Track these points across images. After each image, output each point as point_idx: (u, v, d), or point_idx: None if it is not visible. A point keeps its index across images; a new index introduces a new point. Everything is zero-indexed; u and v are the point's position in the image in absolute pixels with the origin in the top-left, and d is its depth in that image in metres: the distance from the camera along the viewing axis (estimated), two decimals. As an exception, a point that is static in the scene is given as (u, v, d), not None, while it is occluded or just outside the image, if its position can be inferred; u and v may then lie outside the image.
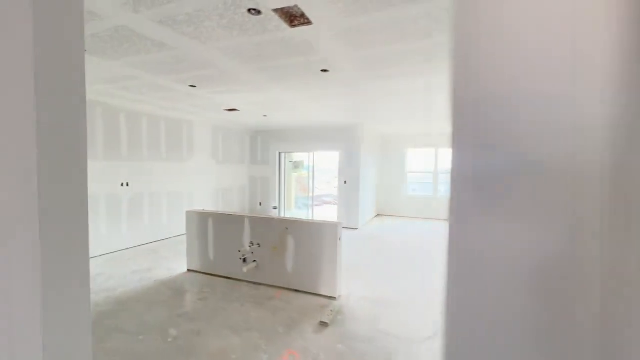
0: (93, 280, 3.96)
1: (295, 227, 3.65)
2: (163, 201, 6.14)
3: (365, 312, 3.18)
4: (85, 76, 0.96)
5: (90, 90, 4.44)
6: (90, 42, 2.70)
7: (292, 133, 8.14)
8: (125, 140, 5.38)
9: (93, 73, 3.64)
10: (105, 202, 5.09)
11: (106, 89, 4.33)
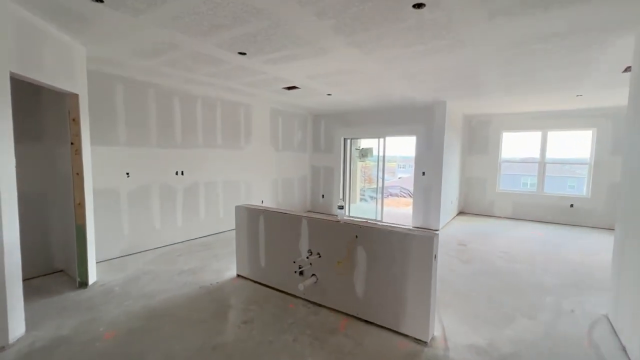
0: (137, 280, 3.54)
1: (368, 236, 2.64)
2: (219, 191, 5.68)
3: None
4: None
5: (138, 68, 3.99)
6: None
7: (360, 115, 7.05)
8: (179, 126, 4.96)
9: (128, 40, 3.08)
10: (159, 192, 4.74)
11: (152, 65, 3.83)
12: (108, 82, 4.08)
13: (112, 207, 4.22)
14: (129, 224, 4.41)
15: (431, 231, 2.47)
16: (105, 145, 4.09)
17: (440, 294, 3.19)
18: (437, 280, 2.48)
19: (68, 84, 3.03)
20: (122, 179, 4.30)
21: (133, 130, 4.37)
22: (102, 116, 4.04)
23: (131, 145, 4.37)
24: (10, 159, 2.34)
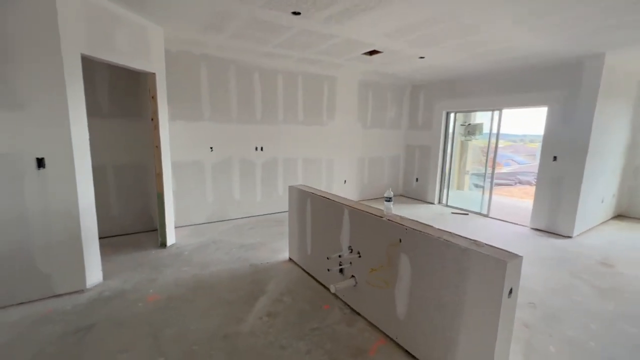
0: (205, 247, 3.80)
1: (415, 242, 1.95)
2: (298, 168, 5.60)
3: None
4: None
5: (214, 45, 4.10)
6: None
7: (467, 83, 5.66)
8: (259, 102, 5.00)
9: (190, 15, 3.09)
10: (239, 166, 4.98)
11: (222, 41, 3.84)
12: (194, 61, 4.36)
13: (198, 177, 4.65)
14: (213, 194, 4.80)
15: (508, 255, 1.58)
16: (192, 121, 4.47)
17: (538, 341, 2.19)
18: (514, 323, 1.62)
19: (144, 64, 3.29)
20: (207, 153, 4.66)
21: (216, 106, 4.63)
22: (189, 94, 4.39)
23: (214, 121, 4.65)
24: (84, 135, 2.67)
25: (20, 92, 2.34)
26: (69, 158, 2.55)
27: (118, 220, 4.14)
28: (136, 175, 4.21)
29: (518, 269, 1.54)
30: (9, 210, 2.40)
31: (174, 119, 4.34)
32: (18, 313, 2.40)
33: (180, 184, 4.52)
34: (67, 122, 2.52)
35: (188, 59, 4.31)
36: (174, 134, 4.35)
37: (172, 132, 4.33)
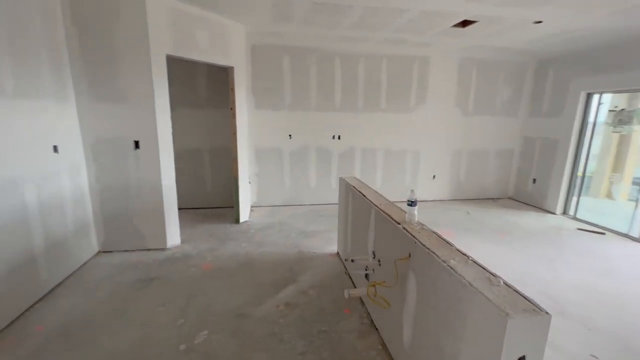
0: (270, 228, 4.09)
1: (422, 258, 1.55)
2: (377, 160, 5.28)
3: None
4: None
5: (291, 36, 4.21)
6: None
7: (622, 52, 4.00)
8: (339, 89, 4.91)
9: (257, 9, 3.26)
10: (315, 154, 5.07)
11: (293, 30, 3.90)
12: (277, 53, 4.61)
13: (277, 163, 4.99)
14: (290, 179, 5.08)
15: (532, 305, 1.06)
16: (273, 110, 4.79)
17: None
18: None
19: (223, 59, 3.69)
20: (286, 140, 4.93)
21: (297, 95, 4.80)
22: (273, 84, 4.69)
23: (294, 109, 4.85)
24: (167, 123, 3.23)
25: (123, 88, 3.00)
26: (155, 142, 3.15)
27: (211, 195, 4.89)
28: (226, 158, 4.84)
29: (538, 331, 1.02)
30: (117, 179, 3.16)
31: (259, 108, 4.74)
32: (119, 257, 3.18)
33: (263, 167, 4.95)
34: (154, 112, 3.09)
35: (271, 51, 4.58)
36: (258, 122, 4.77)
37: (257, 120, 4.75)
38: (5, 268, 2.16)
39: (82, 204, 3.04)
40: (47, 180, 2.57)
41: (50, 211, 2.59)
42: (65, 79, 2.83)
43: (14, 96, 2.25)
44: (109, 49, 2.91)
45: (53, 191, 2.63)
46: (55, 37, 2.70)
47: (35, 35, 2.47)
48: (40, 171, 2.49)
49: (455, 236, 3.91)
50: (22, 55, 2.32)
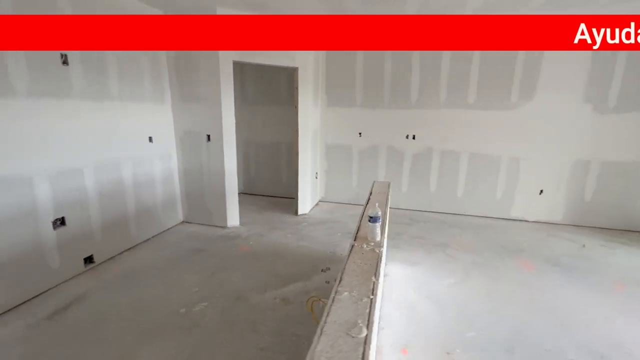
0: (323, 224, 4.18)
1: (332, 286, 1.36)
2: (460, 164, 4.52)
3: None
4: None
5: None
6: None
7: None
8: (416, 82, 4.44)
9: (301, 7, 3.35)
10: (385, 154, 4.79)
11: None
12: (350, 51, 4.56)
13: (346, 161, 4.97)
14: (358, 178, 4.98)
15: None
16: (345, 107, 4.79)
17: None
18: None
19: (288, 61, 3.95)
20: (356, 138, 4.85)
21: (369, 91, 4.64)
22: (345, 81, 4.68)
23: (365, 106, 4.71)
24: (232, 121, 3.74)
25: (200, 91, 3.66)
26: (220, 136, 3.71)
27: (286, 186, 5.33)
28: (287, 153, 5.16)
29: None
30: (195, 165, 3.91)
31: (332, 106, 4.84)
32: (192, 228, 3.95)
33: (332, 164, 5.05)
34: (220, 110, 3.64)
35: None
36: (330, 120, 4.88)
37: (329, 118, 4.87)
38: (105, 222, 3.07)
39: (171, 183, 3.92)
40: (141, 162, 3.45)
41: (141, 186, 3.47)
42: (164, 86, 3.68)
43: (120, 99, 3.12)
44: (192, 61, 3.60)
45: (145, 171, 3.51)
46: (158, 58, 3.55)
47: (140, 57, 3.32)
48: (136, 155, 3.37)
49: (535, 272, 3.02)
50: (129, 71, 3.18)
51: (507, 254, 3.39)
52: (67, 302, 2.45)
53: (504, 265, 3.15)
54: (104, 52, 2.91)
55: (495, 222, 4.36)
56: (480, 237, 3.86)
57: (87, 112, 2.81)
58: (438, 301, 2.54)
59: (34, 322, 2.24)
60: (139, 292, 2.60)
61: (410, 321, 2.30)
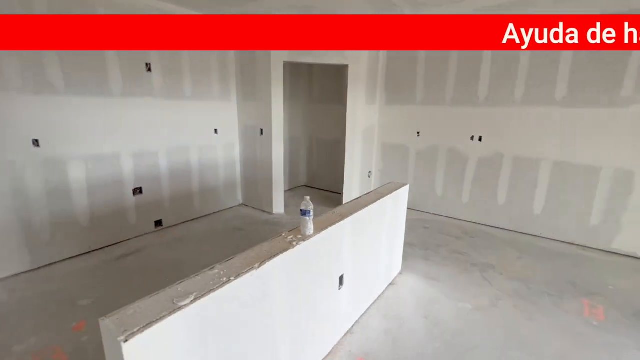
0: (359, 223, 4.12)
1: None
2: (540, 174, 3.66)
3: None
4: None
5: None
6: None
7: None
8: (486, 75, 3.82)
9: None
10: (445, 157, 4.29)
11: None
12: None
13: (402, 161, 4.69)
14: (413, 181, 4.64)
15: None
16: (404, 104, 4.52)
17: None
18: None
19: (339, 59, 4.03)
20: (413, 138, 4.52)
21: (430, 87, 4.25)
22: (406, 77, 4.42)
23: (425, 104, 4.33)
24: (280, 117, 4.08)
25: (256, 90, 4.13)
26: (270, 130, 4.10)
27: (340, 181, 5.41)
28: (334, 150, 5.16)
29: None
30: (251, 155, 4.45)
31: (390, 103, 4.65)
32: (245, 211, 4.51)
33: (388, 164, 4.86)
34: (270, 108, 4.03)
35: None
36: (388, 118, 4.71)
37: (387, 116, 4.71)
38: (173, 195, 3.87)
39: (233, 169, 4.57)
40: (207, 150, 4.16)
41: (206, 169, 4.19)
42: (230, 88, 4.32)
43: (192, 98, 3.86)
44: (251, 64, 4.10)
45: (210, 157, 4.22)
46: (225, 64, 4.19)
47: (210, 64, 4.00)
48: (203, 144, 4.09)
49: (605, 323, 2.27)
50: (200, 77, 3.89)
51: (573, 293, 2.63)
52: (131, 251, 3.26)
53: (557, 305, 2.47)
54: (180, 61, 3.66)
55: (581, 252, 3.38)
56: (546, 266, 3.09)
57: (164, 108, 3.61)
58: (435, 324, 2.24)
59: (107, 260, 3.08)
60: (179, 254, 3.22)
61: (387, 335, 2.13)
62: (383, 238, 2.44)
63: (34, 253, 2.86)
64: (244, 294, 1.25)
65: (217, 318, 1.15)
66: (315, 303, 1.72)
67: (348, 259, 1.98)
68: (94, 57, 2.99)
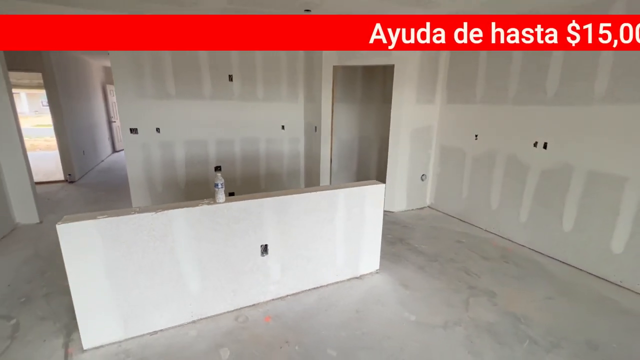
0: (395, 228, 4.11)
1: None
2: (623, 196, 2.65)
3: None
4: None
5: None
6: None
7: None
8: (557, 66, 3.02)
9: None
10: (504, 165, 3.62)
11: None
12: (475, 34, 3.78)
13: (458, 166, 4.22)
14: (468, 190, 4.11)
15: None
16: (463, 103, 4.07)
17: None
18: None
19: (385, 60, 4.09)
20: (471, 141, 4.01)
21: (491, 83, 3.69)
22: (467, 73, 3.97)
23: (486, 102, 3.78)
24: (328, 116, 4.52)
25: (314, 92, 4.72)
26: (320, 128, 4.62)
27: (402, 184, 5.29)
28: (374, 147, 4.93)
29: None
30: (309, 149, 5.09)
31: (450, 103, 4.28)
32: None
33: (445, 168, 4.47)
34: (320, 108, 4.54)
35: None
36: (447, 118, 4.37)
37: (446, 116, 4.38)
38: (244, 175, 5.00)
39: (297, 159, 5.35)
40: (274, 142, 5.09)
41: (271, 158, 5.13)
42: (298, 91, 5.07)
43: (264, 100, 4.85)
44: (311, 70, 4.72)
45: (276, 148, 5.13)
46: (295, 71, 4.96)
47: (282, 71, 4.87)
48: (270, 137, 5.04)
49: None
50: (270, 83, 4.82)
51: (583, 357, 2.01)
52: (203, 210, 4.53)
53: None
54: (255, 72, 4.68)
55: None
56: (586, 318, 2.34)
57: (241, 109, 4.73)
58: (361, 319, 2.30)
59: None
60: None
61: (307, 312, 2.37)
62: (336, 230, 2.61)
63: (153, 199, 4.51)
64: (147, 225, 1.93)
65: (126, 233, 1.88)
66: (229, 257, 2.23)
67: (273, 234, 2.35)
68: (194, 73, 4.35)
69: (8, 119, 3.61)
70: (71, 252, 1.78)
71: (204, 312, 2.24)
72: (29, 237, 3.56)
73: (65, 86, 6.05)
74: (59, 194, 5.27)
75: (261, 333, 2.13)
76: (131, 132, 4.22)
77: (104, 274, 1.88)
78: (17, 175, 3.76)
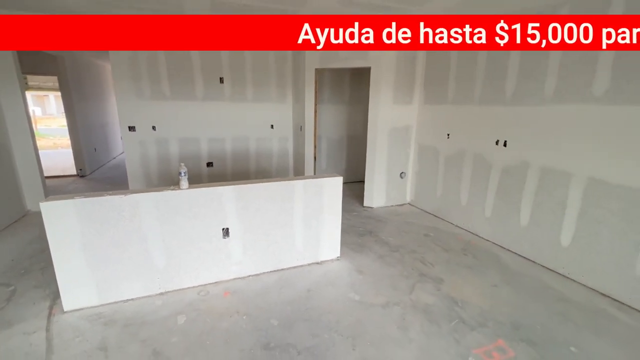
0: (377, 223, 4.31)
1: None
2: (572, 194, 2.77)
3: (27, 298, 2.44)
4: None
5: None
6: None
7: None
8: (514, 68, 3.17)
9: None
10: (471, 163, 3.76)
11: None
12: (447, 38, 3.95)
13: (432, 165, 4.38)
14: (442, 188, 4.27)
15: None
16: (436, 104, 4.24)
17: None
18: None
19: (361, 62, 4.32)
20: (444, 140, 4.17)
21: (460, 84, 3.85)
22: (439, 74, 4.14)
23: (455, 103, 3.94)
24: (311, 117, 4.78)
25: (299, 93, 5.00)
26: (304, 128, 4.89)
27: (387, 182, 5.47)
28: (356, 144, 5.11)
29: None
30: (296, 147, 5.36)
31: (427, 103, 4.45)
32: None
33: (422, 167, 4.64)
34: (304, 109, 4.80)
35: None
36: (424, 118, 4.54)
37: (424, 115, 4.56)
38: (235, 172, 5.33)
39: (285, 157, 5.63)
40: (263, 141, 5.39)
41: (260, 156, 5.44)
42: (286, 93, 5.36)
43: (253, 101, 5.17)
44: (298, 72, 4.99)
45: (266, 146, 5.43)
46: (284, 74, 5.25)
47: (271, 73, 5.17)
48: (260, 136, 5.35)
49: None
50: (260, 85, 5.14)
51: (508, 337, 2.18)
52: (195, 202, 4.88)
53: (455, 339, 2.17)
54: (245, 75, 5.00)
55: (608, 308, 2.42)
56: (528, 305, 2.49)
57: (231, 109, 5.07)
58: (307, 298, 2.54)
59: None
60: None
61: (265, 288, 2.64)
62: (295, 218, 2.86)
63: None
64: (117, 206, 2.25)
65: (99, 212, 2.21)
66: (193, 238, 2.52)
67: (234, 219, 2.63)
68: (188, 76, 4.72)
69: (22, 118, 4.07)
70: (53, 228, 2.12)
71: (170, 285, 2.54)
72: (37, 222, 3.99)
73: (79, 88, 6.59)
74: (69, 186, 5.77)
75: (217, 305, 2.41)
76: (129, 129, 4.62)
77: (81, 247, 2.21)
78: (29, 168, 4.22)
